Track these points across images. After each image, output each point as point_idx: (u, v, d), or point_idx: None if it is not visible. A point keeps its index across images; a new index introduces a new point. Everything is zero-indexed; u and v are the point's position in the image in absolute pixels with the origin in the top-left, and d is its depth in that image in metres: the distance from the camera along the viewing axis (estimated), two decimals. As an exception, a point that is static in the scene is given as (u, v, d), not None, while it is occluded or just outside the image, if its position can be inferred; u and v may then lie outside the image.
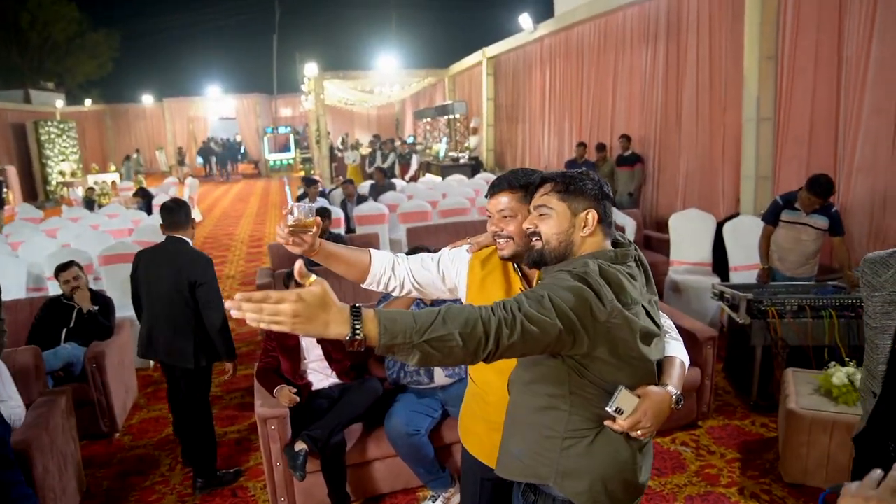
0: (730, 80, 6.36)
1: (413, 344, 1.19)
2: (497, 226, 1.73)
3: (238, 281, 7.91)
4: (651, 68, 7.95)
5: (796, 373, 3.44)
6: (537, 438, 1.52)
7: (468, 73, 16.34)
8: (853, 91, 4.86)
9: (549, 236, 1.52)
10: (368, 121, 27.50)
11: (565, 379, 1.45)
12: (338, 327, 1.15)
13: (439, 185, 10.10)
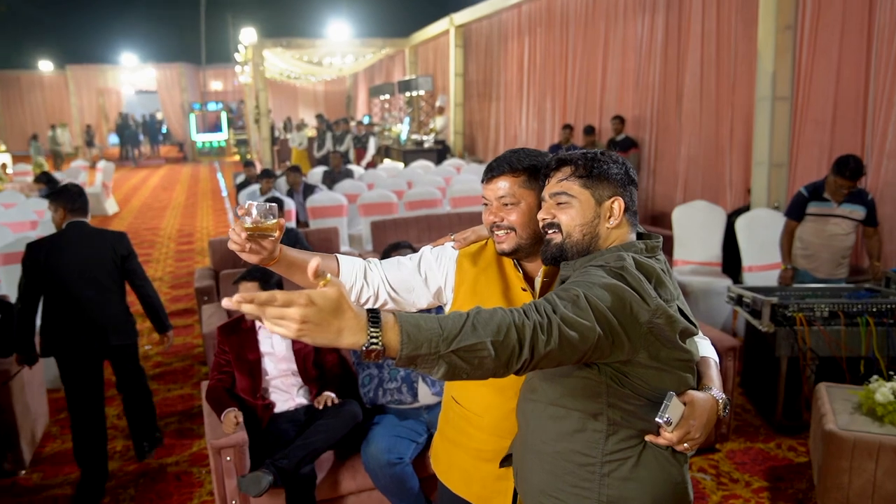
0: (740, 53, 6.43)
1: (439, 355, 1.15)
2: (496, 215, 1.69)
3: (167, 284, 7.68)
4: (648, 40, 8.00)
5: (830, 388, 3.45)
6: (570, 468, 1.49)
7: (433, 44, 16.26)
8: (884, 66, 4.94)
9: (570, 228, 1.50)
10: (315, 98, 27.24)
11: (602, 391, 1.43)
12: (352, 336, 1.10)
13: (403, 173, 10.05)
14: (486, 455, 1.79)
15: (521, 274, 1.75)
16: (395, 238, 5.00)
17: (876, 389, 3.13)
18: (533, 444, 1.56)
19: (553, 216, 1.52)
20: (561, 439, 1.49)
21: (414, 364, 1.15)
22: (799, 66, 5.71)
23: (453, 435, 1.88)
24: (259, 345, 3.16)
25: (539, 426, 1.53)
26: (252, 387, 3.12)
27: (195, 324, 6.04)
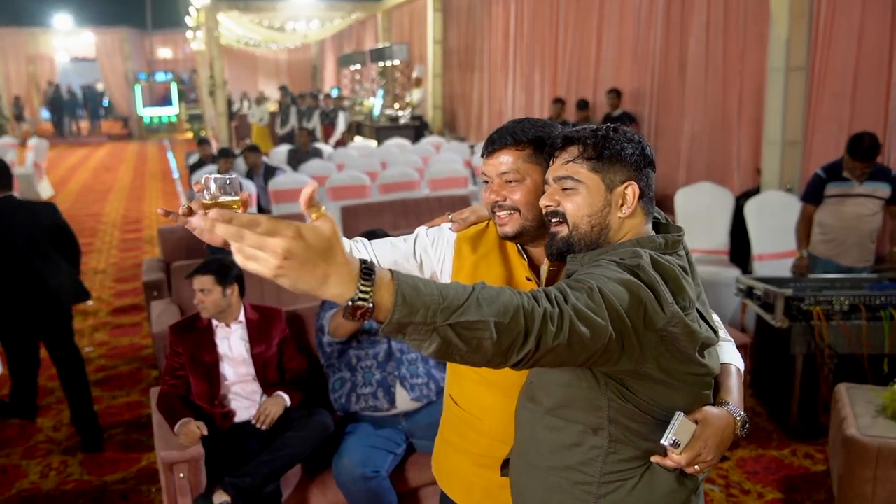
0: (750, 17, 6.43)
1: (435, 326, 1.10)
2: (498, 194, 1.66)
3: (111, 277, 7.58)
4: (648, 3, 7.99)
5: (851, 389, 3.47)
6: (564, 486, 1.47)
7: (409, 8, 16.16)
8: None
9: (577, 219, 1.46)
10: (277, 68, 27.06)
11: (603, 404, 1.40)
12: (339, 285, 1.04)
13: (376, 152, 10.03)
14: (489, 462, 1.76)
15: (526, 261, 1.72)
16: (369, 225, 4.95)
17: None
18: (528, 456, 1.54)
19: (557, 203, 1.47)
20: (556, 453, 1.48)
21: (403, 333, 1.10)
22: (816, 33, 5.71)
23: (454, 438, 1.87)
24: (216, 346, 3.12)
25: (534, 437, 1.52)
26: (209, 393, 3.07)
27: (143, 322, 5.97)
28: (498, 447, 1.75)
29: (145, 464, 3.86)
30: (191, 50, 24.61)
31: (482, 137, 12.29)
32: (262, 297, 4.37)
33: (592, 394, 1.40)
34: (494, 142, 1.67)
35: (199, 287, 3.07)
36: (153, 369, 5.01)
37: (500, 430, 1.74)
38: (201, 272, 3.11)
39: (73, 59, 26.83)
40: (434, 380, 3.08)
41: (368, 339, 3.09)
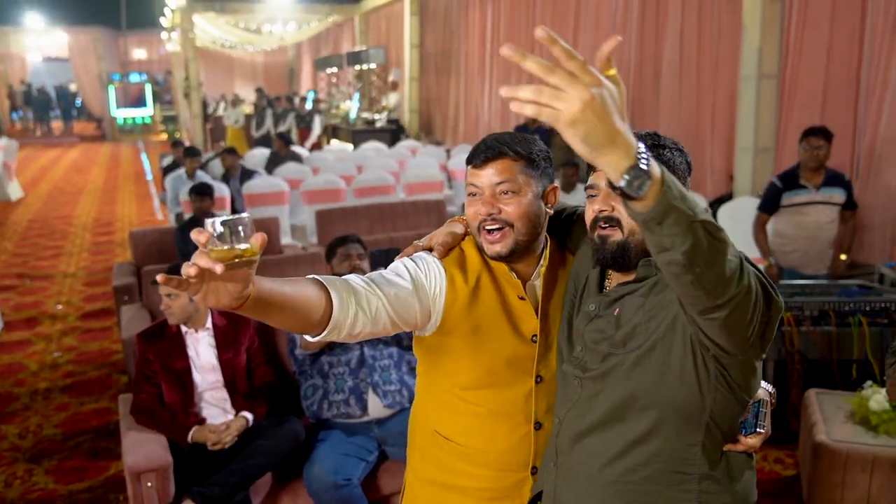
0: (724, 26, 6.48)
1: (693, 220, 1.09)
2: (492, 206, 1.58)
3: (81, 280, 7.48)
4: (623, 11, 8.03)
5: (821, 395, 3.50)
6: (661, 490, 1.46)
7: (386, 11, 16.13)
8: (880, 42, 5.02)
9: (633, 225, 1.43)
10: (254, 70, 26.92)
11: (708, 400, 1.41)
12: (624, 148, 1.01)
13: (352, 156, 10.00)
14: (493, 493, 1.70)
15: (518, 281, 1.65)
16: (343, 229, 4.92)
17: (870, 396, 3.19)
18: (602, 480, 1.49)
19: (612, 209, 1.46)
20: (651, 462, 1.46)
21: (661, 222, 1.07)
22: (787, 42, 5.77)
23: (445, 477, 1.73)
24: (187, 353, 3.07)
25: (614, 455, 1.48)
26: (183, 400, 3.03)
27: (113, 327, 5.88)
28: (504, 477, 1.69)
29: (113, 472, 3.80)
30: (166, 51, 24.35)
31: (458, 142, 12.30)
32: (235, 302, 4.33)
33: (694, 389, 1.40)
34: (489, 149, 1.59)
35: (166, 292, 3.03)
36: (123, 375, 4.94)
37: (505, 459, 1.68)
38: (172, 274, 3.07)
39: (45, 58, 26.47)
40: (407, 386, 3.06)
41: (341, 345, 3.06)
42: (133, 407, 3.01)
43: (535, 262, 1.68)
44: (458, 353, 1.64)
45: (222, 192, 6.84)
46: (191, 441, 2.93)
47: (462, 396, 1.67)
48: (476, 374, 1.65)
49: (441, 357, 1.67)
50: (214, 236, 1.14)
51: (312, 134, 13.28)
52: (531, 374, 1.66)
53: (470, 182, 1.62)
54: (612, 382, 1.47)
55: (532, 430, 1.68)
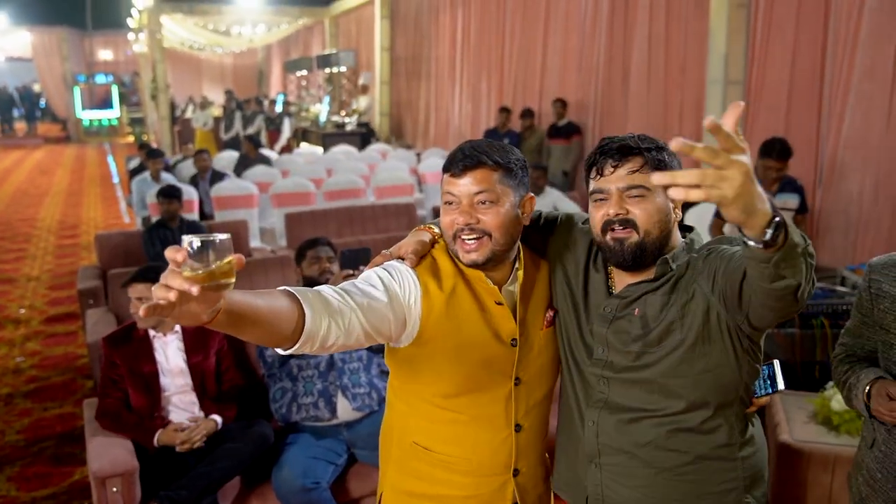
0: (691, 31, 6.57)
1: (804, 249, 1.23)
2: (471, 216, 1.57)
3: (45, 284, 7.36)
4: (592, 16, 8.10)
5: (784, 396, 3.55)
6: (715, 467, 1.59)
7: (356, 14, 16.10)
8: (842, 49, 5.12)
9: (649, 225, 1.52)
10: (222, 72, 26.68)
11: (742, 366, 1.54)
12: (763, 207, 1.14)
13: (321, 159, 9.98)
14: (476, 501, 1.71)
15: (495, 287, 1.65)
16: (313, 232, 4.90)
17: (832, 397, 3.23)
18: (658, 470, 1.59)
19: (626, 212, 1.52)
20: (704, 443, 1.57)
21: (786, 258, 1.19)
22: (753, 48, 5.87)
23: (425, 488, 1.73)
24: (154, 357, 3.04)
25: (668, 445, 1.58)
26: (149, 404, 3.00)
27: (78, 331, 5.80)
28: (486, 482, 1.71)
29: (77, 478, 3.74)
30: (133, 52, 24.07)
31: (429, 145, 12.32)
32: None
33: (732, 367, 1.53)
34: (467, 157, 1.57)
35: (136, 295, 3.00)
36: (88, 379, 4.88)
37: (488, 464, 1.70)
38: (138, 280, 3.04)
39: (7, 58, 26.00)
40: (376, 389, 3.07)
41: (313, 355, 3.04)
42: (98, 411, 2.98)
43: (509, 268, 1.69)
44: (438, 361, 1.63)
45: (190, 195, 6.78)
46: (157, 444, 2.90)
47: (443, 405, 1.67)
48: (457, 380, 1.65)
49: (420, 367, 1.65)
50: (190, 254, 1.09)
51: (282, 137, 13.21)
52: (510, 377, 1.67)
53: (447, 190, 1.60)
54: (652, 378, 1.55)
55: (513, 433, 1.70)
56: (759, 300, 1.34)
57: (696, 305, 1.51)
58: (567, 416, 1.75)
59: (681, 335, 1.52)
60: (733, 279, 1.39)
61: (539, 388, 1.74)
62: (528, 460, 1.75)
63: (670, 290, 1.54)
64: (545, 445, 1.85)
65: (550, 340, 1.74)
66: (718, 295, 1.47)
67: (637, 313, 1.57)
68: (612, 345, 1.59)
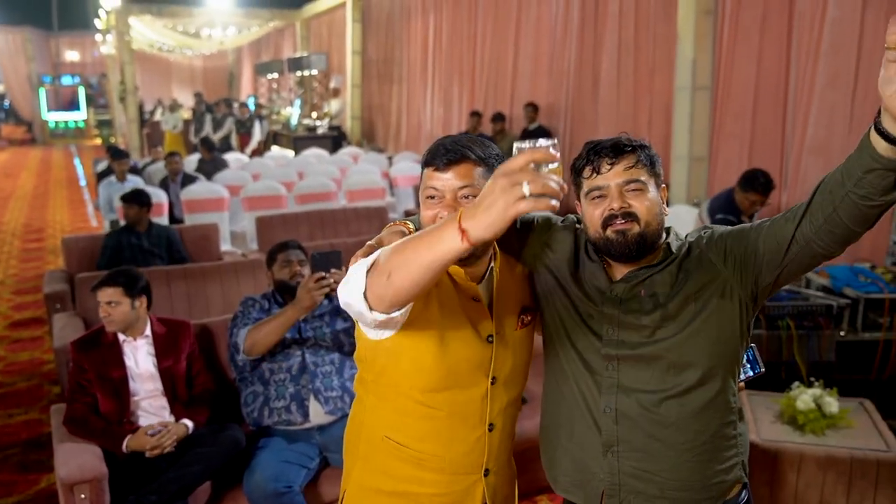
0: (660, 37, 6.65)
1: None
2: (454, 210, 1.54)
3: (10, 289, 7.24)
4: (563, 22, 8.17)
5: (751, 396, 3.61)
6: (724, 444, 1.66)
7: (327, 18, 16.06)
8: (805, 57, 5.23)
9: (650, 216, 1.60)
10: (192, 74, 26.41)
11: (745, 340, 1.66)
12: None
13: (293, 162, 9.94)
14: (445, 499, 1.70)
15: (471, 281, 1.66)
16: (284, 236, 4.86)
17: (797, 397, 3.29)
18: (679, 449, 1.64)
19: (629, 205, 1.59)
20: (716, 418, 1.64)
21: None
22: (720, 54, 5.96)
23: (393, 485, 1.71)
24: (124, 361, 3.01)
25: (688, 423, 1.63)
26: (118, 409, 2.97)
27: (45, 336, 5.72)
28: (456, 481, 1.70)
29: (44, 485, 3.69)
30: (100, 53, 23.77)
31: (401, 149, 12.32)
32: (172, 310, 4.26)
33: (737, 340, 1.63)
34: (450, 152, 1.57)
35: (105, 299, 2.96)
36: (55, 385, 4.80)
37: (460, 462, 1.69)
38: (108, 284, 3.00)
39: (-30, 59, 25.56)
40: (348, 392, 3.06)
41: (282, 351, 3.04)
42: (66, 417, 2.94)
43: (485, 266, 1.70)
44: (421, 353, 1.61)
45: (160, 198, 6.71)
46: (127, 449, 2.86)
47: (420, 400, 1.66)
48: (438, 375, 1.63)
49: (401, 359, 1.64)
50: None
51: (253, 140, 13.14)
52: (487, 375, 1.68)
53: (429, 185, 1.59)
54: (668, 349, 1.61)
55: (486, 432, 1.70)
56: (839, 231, 1.42)
57: (711, 280, 1.61)
58: (568, 414, 1.74)
59: (696, 307, 1.61)
60: (780, 236, 1.52)
61: (512, 389, 1.75)
62: (497, 461, 1.76)
63: (676, 270, 1.64)
64: (513, 447, 1.86)
65: (524, 341, 1.75)
66: (735, 266, 1.59)
67: (644, 294, 1.64)
68: (623, 323, 1.64)
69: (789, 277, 1.58)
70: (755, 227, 1.60)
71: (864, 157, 1.31)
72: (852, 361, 3.91)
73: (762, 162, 4.86)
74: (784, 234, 1.51)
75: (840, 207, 1.38)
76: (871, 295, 3.89)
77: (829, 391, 3.26)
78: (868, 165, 1.30)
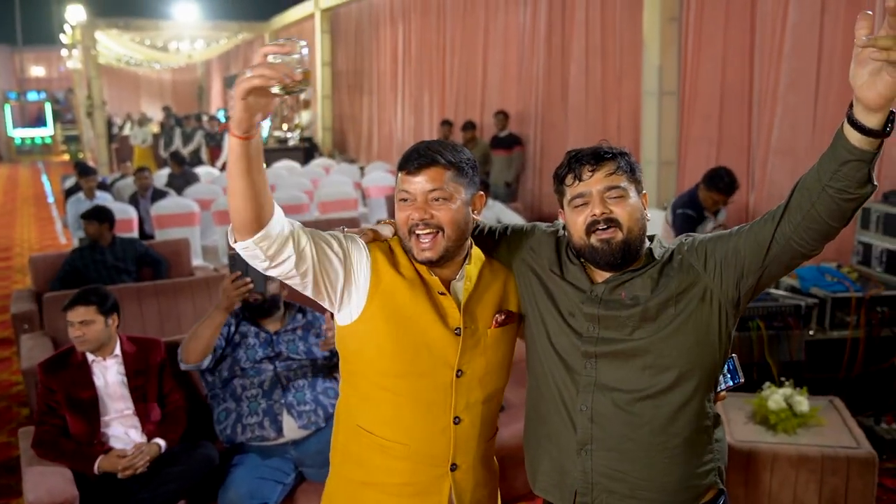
0: (626, 43, 6.72)
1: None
2: (425, 211, 1.64)
3: (-23, 309, 7.08)
4: (530, 30, 8.23)
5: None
6: (701, 448, 1.67)
7: (296, 29, 16.04)
8: (768, 61, 5.31)
9: (631, 223, 1.62)
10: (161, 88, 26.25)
11: (723, 347, 1.66)
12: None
13: (264, 175, 9.82)
14: (412, 489, 1.74)
15: (437, 279, 1.72)
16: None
17: (768, 397, 3.33)
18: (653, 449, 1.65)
19: (610, 211, 1.61)
20: (691, 422, 1.65)
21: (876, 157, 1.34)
22: (685, 60, 6.03)
23: (362, 474, 1.77)
24: (94, 382, 2.96)
25: (663, 423, 1.64)
26: (88, 430, 2.91)
27: (12, 357, 5.62)
28: (421, 471, 1.73)
29: (13, 510, 3.64)
30: (66, 68, 23.53)
31: (373, 159, 12.32)
32: (144, 327, 4.21)
33: (715, 346, 1.64)
34: (422, 156, 1.66)
35: (78, 319, 2.90)
36: (24, 407, 4.72)
37: (424, 452, 1.73)
38: (80, 302, 2.95)
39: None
40: (322, 406, 3.03)
41: (254, 366, 3.01)
42: (35, 440, 2.88)
43: (458, 265, 1.76)
44: (382, 337, 1.69)
45: (128, 214, 6.65)
46: (98, 471, 2.81)
47: (384, 385, 1.72)
48: (399, 360, 1.70)
49: (366, 344, 1.71)
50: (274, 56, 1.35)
51: (223, 153, 13.04)
52: (452, 367, 1.72)
53: (402, 188, 1.68)
54: (646, 348, 1.63)
55: (451, 425, 1.73)
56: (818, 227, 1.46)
57: (692, 284, 1.63)
58: (546, 415, 1.77)
59: (676, 310, 1.63)
60: (759, 238, 1.55)
61: (483, 387, 1.77)
62: (466, 457, 1.78)
63: (657, 275, 1.65)
64: (489, 449, 1.87)
65: (500, 342, 1.79)
66: (715, 270, 1.62)
67: (624, 296, 1.66)
68: (604, 320, 1.66)
69: (770, 279, 1.61)
70: (735, 231, 1.63)
71: (838, 150, 1.36)
72: (821, 360, 3.96)
73: (729, 164, 4.92)
74: (764, 235, 1.54)
75: (818, 203, 1.42)
76: (838, 294, 3.95)
77: (800, 390, 3.30)
78: (843, 157, 1.35)
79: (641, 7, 6.18)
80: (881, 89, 1.26)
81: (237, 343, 3.03)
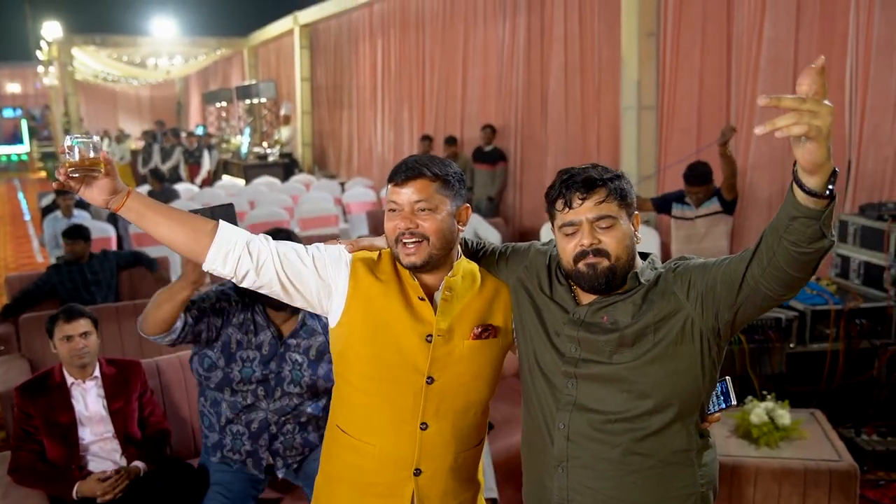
0: (604, 58, 6.77)
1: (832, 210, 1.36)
2: (411, 221, 1.72)
3: (-48, 330, 6.95)
4: (510, 45, 8.27)
5: (706, 410, 3.66)
6: (675, 472, 1.66)
7: (275, 45, 16.03)
8: (745, 75, 5.38)
9: (619, 251, 1.63)
10: (139, 104, 26.06)
11: (707, 375, 1.65)
12: (831, 159, 1.28)
13: (244, 191, 9.86)
14: (377, 490, 1.79)
15: (418, 283, 1.79)
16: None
17: (750, 411, 3.34)
18: (625, 471, 1.65)
19: (599, 241, 1.62)
20: (668, 446, 1.65)
21: (829, 214, 1.32)
22: (663, 75, 6.09)
23: (337, 471, 1.87)
24: (73, 405, 2.91)
25: (633, 449, 1.64)
26: (67, 455, 2.85)
27: (-11, 379, 5.52)
28: (385, 472, 1.79)
29: (-9, 535, 3.56)
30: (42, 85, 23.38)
31: (353, 175, 12.31)
32: (123, 348, 4.17)
33: (697, 374, 1.63)
34: (410, 169, 1.73)
35: (80, 331, 2.87)
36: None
37: (394, 454, 1.78)
38: (76, 316, 2.92)
39: None
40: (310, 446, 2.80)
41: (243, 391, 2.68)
42: (11, 466, 2.82)
43: (443, 275, 1.81)
44: (358, 340, 1.78)
45: (107, 233, 6.59)
46: (77, 496, 2.75)
47: (359, 387, 1.81)
48: (372, 363, 1.78)
49: (346, 348, 1.81)
50: (72, 152, 1.63)
51: (202, 169, 12.99)
52: (423, 374, 1.76)
53: (391, 199, 1.76)
54: (625, 374, 1.63)
55: (418, 430, 1.77)
56: (781, 275, 1.45)
57: (672, 312, 1.62)
58: (532, 429, 1.80)
59: (654, 338, 1.63)
60: (733, 275, 1.54)
61: (456, 397, 1.80)
62: (432, 464, 1.80)
63: (641, 300, 1.65)
64: (466, 461, 1.88)
65: (478, 353, 1.82)
66: (696, 300, 1.61)
67: (606, 319, 1.67)
68: (584, 342, 1.67)
69: (745, 318, 1.60)
70: (718, 262, 1.62)
71: (787, 205, 1.36)
72: (802, 373, 3.99)
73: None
74: (737, 273, 1.54)
75: (778, 252, 1.42)
76: (818, 307, 3.98)
77: (781, 403, 3.32)
78: (791, 213, 1.35)
79: (619, 22, 6.24)
80: (805, 154, 1.25)
81: (239, 342, 2.68)
